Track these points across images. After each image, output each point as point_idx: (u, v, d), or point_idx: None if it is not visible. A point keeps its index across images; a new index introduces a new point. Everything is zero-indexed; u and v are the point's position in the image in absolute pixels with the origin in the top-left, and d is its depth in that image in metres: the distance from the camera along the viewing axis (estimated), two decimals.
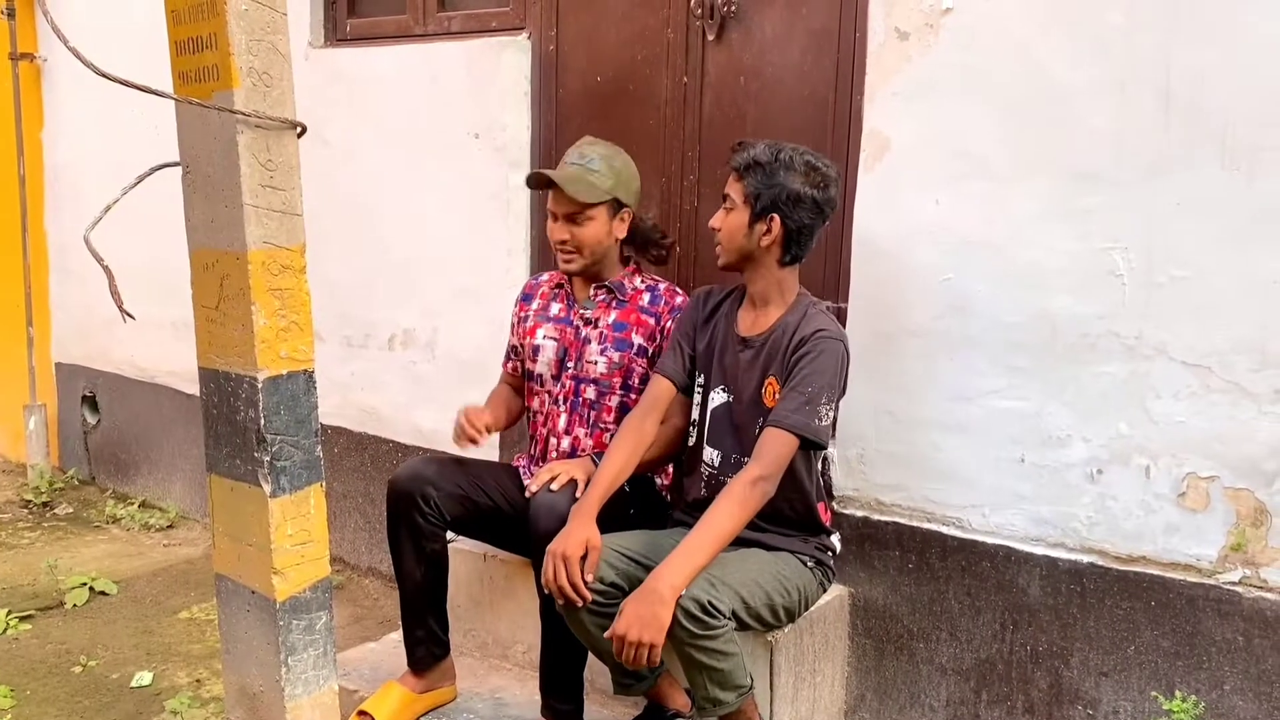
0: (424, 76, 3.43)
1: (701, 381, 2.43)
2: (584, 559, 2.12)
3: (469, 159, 3.34)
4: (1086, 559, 2.39)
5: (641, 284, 2.61)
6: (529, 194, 3.25)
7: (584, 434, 2.59)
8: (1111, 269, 2.30)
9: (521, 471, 2.65)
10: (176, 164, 1.91)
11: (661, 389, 2.40)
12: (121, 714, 2.89)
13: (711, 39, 2.88)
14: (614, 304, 2.59)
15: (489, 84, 3.28)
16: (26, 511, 4.61)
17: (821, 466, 2.44)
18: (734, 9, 2.83)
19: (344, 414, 3.77)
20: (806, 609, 2.40)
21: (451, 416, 2.57)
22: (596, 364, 2.56)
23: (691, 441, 2.46)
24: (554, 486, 2.34)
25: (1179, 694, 2.26)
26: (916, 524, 2.60)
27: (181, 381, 4.39)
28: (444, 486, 2.47)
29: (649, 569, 2.08)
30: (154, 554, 4.12)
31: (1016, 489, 2.46)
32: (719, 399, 2.39)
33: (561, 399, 2.61)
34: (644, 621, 1.96)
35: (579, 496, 2.29)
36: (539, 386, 2.65)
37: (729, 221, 2.29)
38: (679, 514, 2.47)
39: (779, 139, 2.33)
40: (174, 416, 4.50)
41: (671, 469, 2.61)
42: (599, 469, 2.29)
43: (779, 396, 2.23)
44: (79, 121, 4.69)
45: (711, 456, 2.39)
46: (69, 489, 4.91)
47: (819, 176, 2.25)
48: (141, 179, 1.85)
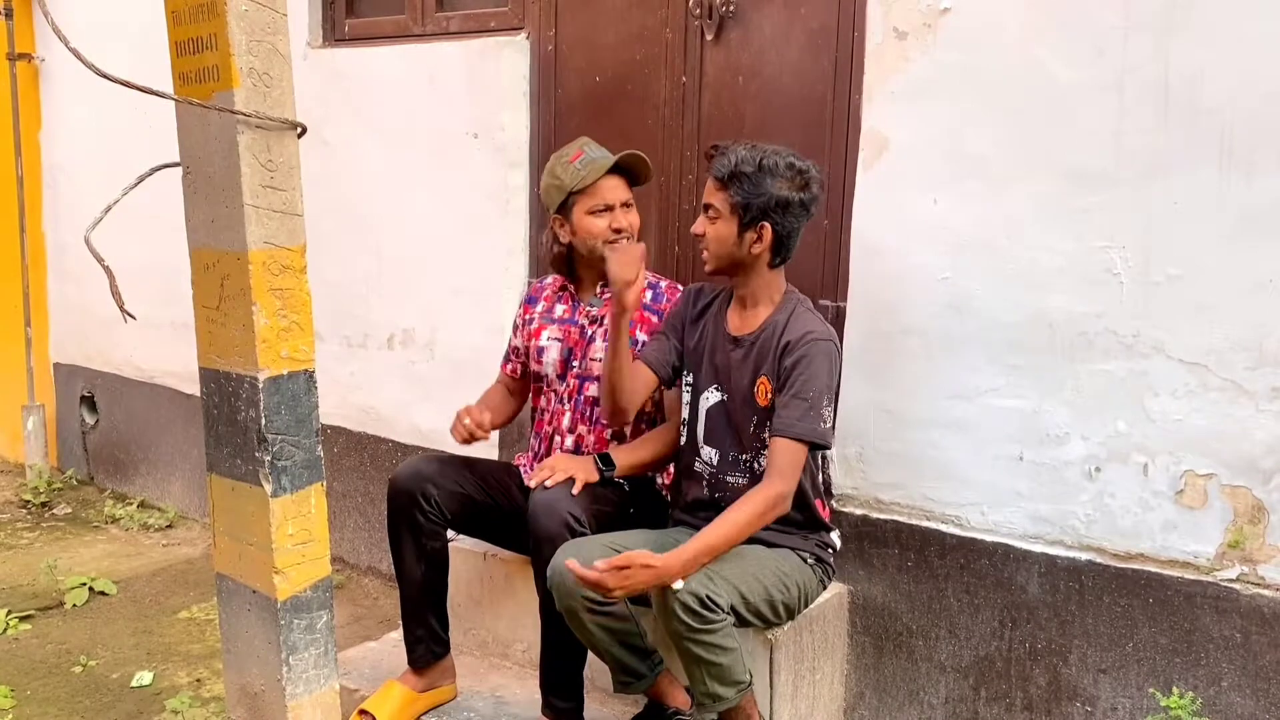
0: (423, 76, 3.43)
1: (691, 380, 2.44)
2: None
3: (468, 159, 3.34)
4: (1085, 556, 2.40)
5: (644, 282, 2.62)
6: (528, 194, 3.25)
7: (587, 431, 2.60)
8: (1109, 268, 2.30)
9: (522, 471, 2.66)
10: (177, 164, 1.91)
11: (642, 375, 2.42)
12: (122, 714, 2.89)
13: (710, 39, 2.88)
14: None
15: (488, 84, 3.28)
16: (25, 512, 4.60)
17: (820, 464, 2.45)
18: (732, 9, 2.84)
19: (343, 413, 3.77)
20: (806, 605, 2.40)
21: (451, 416, 2.57)
22: (600, 361, 2.56)
23: (683, 440, 2.46)
24: (549, 483, 2.35)
25: (1177, 690, 2.26)
26: (915, 522, 2.61)
27: (180, 381, 4.39)
28: (444, 485, 2.47)
29: None
30: (153, 554, 4.12)
31: (1015, 487, 2.47)
32: (713, 398, 2.39)
33: (566, 397, 2.62)
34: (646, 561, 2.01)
35: (576, 495, 2.31)
36: (545, 386, 2.66)
37: (716, 231, 2.29)
38: (679, 514, 2.48)
39: (778, 139, 2.33)
40: (172, 416, 4.50)
41: (672, 469, 2.61)
42: None
43: (778, 403, 2.23)
44: (77, 122, 4.69)
45: (710, 455, 2.40)
46: (68, 489, 4.90)
47: (802, 178, 2.25)
48: (141, 179, 1.85)
